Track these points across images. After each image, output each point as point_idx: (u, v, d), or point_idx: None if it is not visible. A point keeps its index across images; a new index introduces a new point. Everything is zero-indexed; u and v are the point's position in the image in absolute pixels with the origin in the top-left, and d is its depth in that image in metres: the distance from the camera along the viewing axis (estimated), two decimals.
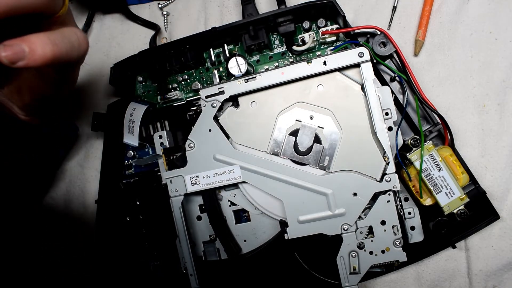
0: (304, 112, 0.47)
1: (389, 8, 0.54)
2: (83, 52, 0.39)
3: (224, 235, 0.49)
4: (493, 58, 0.52)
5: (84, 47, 0.39)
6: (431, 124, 0.50)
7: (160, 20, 0.61)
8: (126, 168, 0.58)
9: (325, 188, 0.45)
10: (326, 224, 0.46)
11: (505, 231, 0.51)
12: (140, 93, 0.59)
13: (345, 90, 0.46)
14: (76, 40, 0.37)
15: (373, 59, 0.47)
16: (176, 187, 0.49)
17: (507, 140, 0.51)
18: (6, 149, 0.58)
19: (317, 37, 0.53)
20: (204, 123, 0.48)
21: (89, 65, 0.62)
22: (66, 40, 0.36)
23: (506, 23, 0.51)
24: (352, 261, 0.45)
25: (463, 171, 0.48)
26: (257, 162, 0.47)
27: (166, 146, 0.51)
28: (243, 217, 0.52)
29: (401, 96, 0.50)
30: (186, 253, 0.48)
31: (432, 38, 0.53)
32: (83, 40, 0.38)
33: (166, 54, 0.54)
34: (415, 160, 0.47)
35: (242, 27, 0.51)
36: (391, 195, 0.44)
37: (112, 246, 0.57)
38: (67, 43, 0.36)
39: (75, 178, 0.63)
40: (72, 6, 0.64)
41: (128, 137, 0.54)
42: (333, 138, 0.47)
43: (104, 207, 0.57)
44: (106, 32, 0.63)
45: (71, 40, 0.37)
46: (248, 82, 0.47)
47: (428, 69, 0.53)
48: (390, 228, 0.44)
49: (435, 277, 0.52)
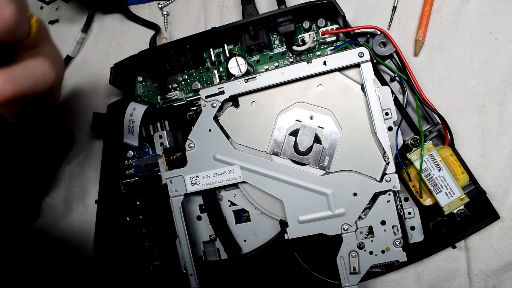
0: (304, 112, 0.47)
1: (389, 8, 0.54)
2: (49, 86, 0.36)
3: (224, 235, 0.49)
4: (493, 58, 0.52)
5: (50, 80, 0.36)
6: (431, 124, 0.50)
7: (160, 20, 0.61)
8: (126, 168, 0.58)
9: (325, 188, 0.45)
10: (326, 224, 0.46)
11: (505, 231, 0.51)
12: (140, 93, 0.59)
13: (345, 90, 0.46)
14: (41, 74, 0.35)
15: (373, 59, 0.47)
16: (176, 187, 0.49)
17: (507, 140, 0.51)
18: (6, 149, 0.58)
19: (317, 37, 0.53)
20: (204, 123, 0.48)
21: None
22: (29, 75, 0.34)
23: (506, 23, 0.51)
24: (352, 261, 0.45)
25: (463, 171, 0.48)
26: (257, 162, 0.47)
27: (166, 146, 0.51)
28: (243, 217, 0.52)
29: (401, 96, 0.50)
30: (186, 253, 0.48)
31: (432, 38, 0.53)
32: (49, 73, 0.36)
33: (166, 54, 0.54)
34: (415, 160, 0.47)
35: (242, 27, 0.51)
36: (391, 195, 0.44)
37: (112, 246, 0.57)
38: (30, 78, 0.34)
39: (75, 178, 0.63)
40: (72, 6, 0.64)
41: (128, 137, 0.54)
42: (333, 138, 0.47)
43: (104, 207, 0.57)
44: (106, 32, 0.63)
45: (35, 75, 0.34)
46: (248, 82, 0.47)
47: (428, 69, 0.53)
48: (390, 228, 0.44)
49: (435, 277, 0.52)
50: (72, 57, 0.64)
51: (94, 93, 0.63)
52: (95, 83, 0.63)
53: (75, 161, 0.63)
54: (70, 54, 0.63)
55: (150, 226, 0.55)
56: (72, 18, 0.65)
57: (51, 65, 0.36)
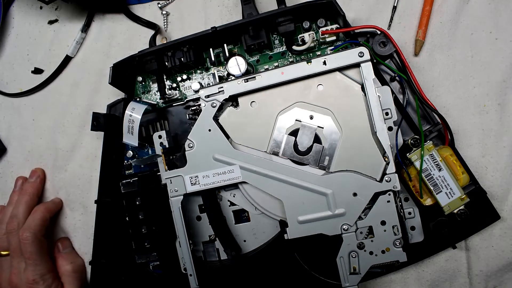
0: (304, 112, 0.47)
1: (389, 8, 0.54)
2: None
3: (223, 235, 0.49)
4: (493, 58, 0.51)
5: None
6: (431, 124, 0.50)
7: (160, 20, 0.61)
8: (126, 168, 0.58)
9: (325, 188, 0.45)
10: (326, 224, 0.45)
11: (505, 231, 0.50)
12: (140, 93, 0.59)
13: (345, 90, 0.46)
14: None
15: (373, 59, 0.47)
16: (176, 187, 0.49)
17: (507, 140, 0.51)
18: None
19: (317, 37, 0.53)
20: (203, 123, 0.48)
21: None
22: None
23: (506, 23, 0.51)
24: (352, 262, 0.45)
25: (463, 171, 0.48)
26: (257, 162, 0.47)
27: (165, 146, 0.51)
28: (243, 217, 0.51)
29: (401, 96, 0.50)
30: (186, 253, 0.48)
31: (432, 38, 0.53)
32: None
33: (166, 54, 0.54)
34: (415, 160, 0.47)
35: (242, 27, 0.51)
36: (391, 195, 0.44)
37: (112, 246, 0.57)
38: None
39: (75, 178, 0.63)
40: (72, 6, 0.64)
41: (128, 137, 0.54)
42: (333, 138, 0.47)
43: (104, 207, 0.57)
44: (106, 32, 0.63)
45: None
46: (248, 82, 0.47)
47: (428, 69, 0.53)
48: (390, 228, 0.44)
49: (435, 278, 0.52)
50: (71, 57, 0.64)
51: (94, 93, 0.63)
52: (95, 83, 0.63)
53: (75, 161, 0.63)
54: (70, 54, 0.63)
55: (150, 226, 0.55)
56: (71, 18, 0.64)
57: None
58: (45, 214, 0.58)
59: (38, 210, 0.58)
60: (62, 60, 0.64)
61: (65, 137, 0.63)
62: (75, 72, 0.64)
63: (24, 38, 0.66)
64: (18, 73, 0.66)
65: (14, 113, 0.66)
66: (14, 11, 0.67)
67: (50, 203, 0.61)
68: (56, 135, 0.64)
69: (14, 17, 0.67)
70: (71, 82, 0.64)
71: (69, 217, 0.63)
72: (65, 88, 0.64)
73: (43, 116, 0.65)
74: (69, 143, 0.63)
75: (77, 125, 0.63)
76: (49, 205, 0.60)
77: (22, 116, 0.65)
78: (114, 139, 0.57)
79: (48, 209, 0.59)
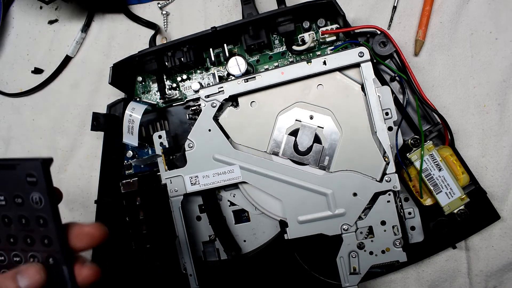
0: (304, 112, 0.47)
1: (389, 8, 0.54)
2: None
3: (223, 236, 0.49)
4: (493, 58, 0.51)
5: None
6: (431, 124, 0.50)
7: (160, 20, 0.61)
8: (126, 168, 0.58)
9: (325, 188, 0.45)
10: (326, 224, 0.45)
11: (505, 231, 0.50)
12: (140, 93, 0.59)
13: (345, 90, 0.46)
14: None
15: (373, 58, 0.47)
16: (176, 187, 0.49)
17: (507, 140, 0.51)
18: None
19: (317, 37, 0.53)
20: (203, 123, 0.48)
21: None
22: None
23: (506, 23, 0.51)
24: (352, 262, 0.45)
25: (463, 171, 0.48)
26: (256, 162, 0.47)
27: (165, 146, 0.51)
28: (243, 217, 0.51)
29: (401, 96, 0.50)
30: (186, 254, 0.48)
31: (432, 38, 0.53)
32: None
33: (166, 54, 0.54)
34: (415, 160, 0.47)
35: (242, 27, 0.51)
36: (391, 195, 0.44)
37: (112, 246, 0.57)
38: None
39: (75, 178, 0.63)
40: (72, 6, 0.64)
41: (128, 137, 0.54)
42: (333, 138, 0.46)
43: (104, 207, 0.57)
44: (106, 32, 0.63)
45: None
46: (247, 82, 0.47)
47: (428, 69, 0.53)
48: (390, 228, 0.44)
49: (435, 278, 0.52)
50: (71, 57, 0.64)
51: (94, 93, 0.63)
52: (95, 83, 0.63)
53: (75, 161, 0.63)
54: (70, 54, 0.63)
55: (150, 226, 0.55)
56: (71, 18, 0.64)
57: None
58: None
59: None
60: (62, 60, 0.64)
61: (65, 137, 0.63)
62: (75, 72, 0.64)
63: (24, 38, 0.66)
64: (18, 73, 0.66)
65: (14, 113, 0.66)
66: (14, 11, 0.67)
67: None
68: (56, 135, 0.64)
69: (14, 17, 0.67)
70: (71, 82, 0.64)
71: (69, 217, 0.63)
72: (65, 88, 0.64)
73: (43, 116, 0.65)
74: (69, 143, 0.63)
75: (77, 125, 0.63)
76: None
77: (22, 116, 0.65)
78: (114, 139, 0.57)
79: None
